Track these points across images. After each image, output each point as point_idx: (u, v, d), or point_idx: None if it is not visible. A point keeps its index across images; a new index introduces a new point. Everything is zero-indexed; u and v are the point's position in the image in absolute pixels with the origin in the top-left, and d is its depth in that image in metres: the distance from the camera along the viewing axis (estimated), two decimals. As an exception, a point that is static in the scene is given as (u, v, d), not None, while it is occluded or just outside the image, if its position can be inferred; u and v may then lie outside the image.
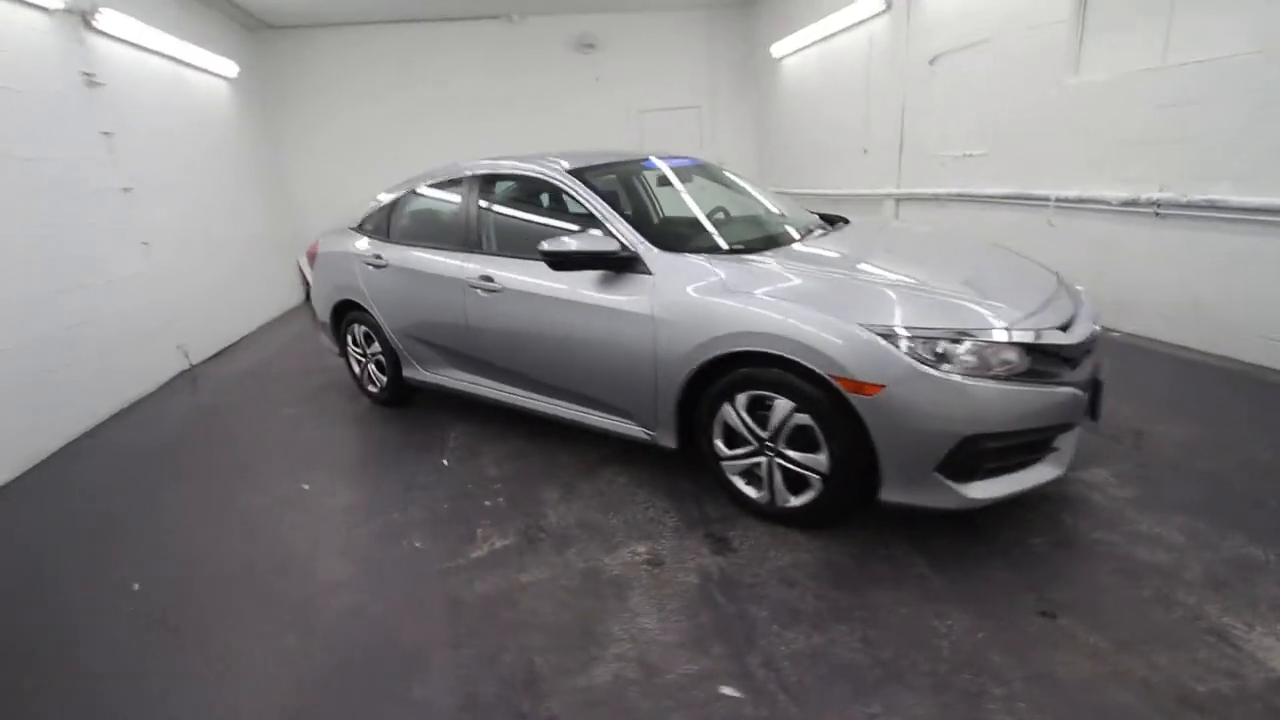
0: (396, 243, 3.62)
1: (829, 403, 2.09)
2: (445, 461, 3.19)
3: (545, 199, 3.18)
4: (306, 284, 8.07)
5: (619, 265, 2.55)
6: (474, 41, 8.27)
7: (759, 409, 2.28)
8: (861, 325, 2.01)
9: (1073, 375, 2.10)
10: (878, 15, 6.13)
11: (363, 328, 3.85)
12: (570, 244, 2.53)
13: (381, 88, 8.20)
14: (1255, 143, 3.27)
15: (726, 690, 1.68)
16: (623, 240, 2.57)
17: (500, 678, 1.79)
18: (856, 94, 6.69)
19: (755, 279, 2.32)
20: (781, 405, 2.20)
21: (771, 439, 2.26)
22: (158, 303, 4.94)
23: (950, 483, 2.01)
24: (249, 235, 6.94)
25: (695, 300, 2.34)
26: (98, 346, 4.20)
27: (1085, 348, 2.16)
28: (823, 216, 3.36)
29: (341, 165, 8.26)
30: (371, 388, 4.03)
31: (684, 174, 3.38)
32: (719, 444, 2.43)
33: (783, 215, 3.24)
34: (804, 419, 2.16)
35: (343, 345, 4.11)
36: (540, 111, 8.61)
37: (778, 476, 2.31)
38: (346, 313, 3.94)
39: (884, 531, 2.28)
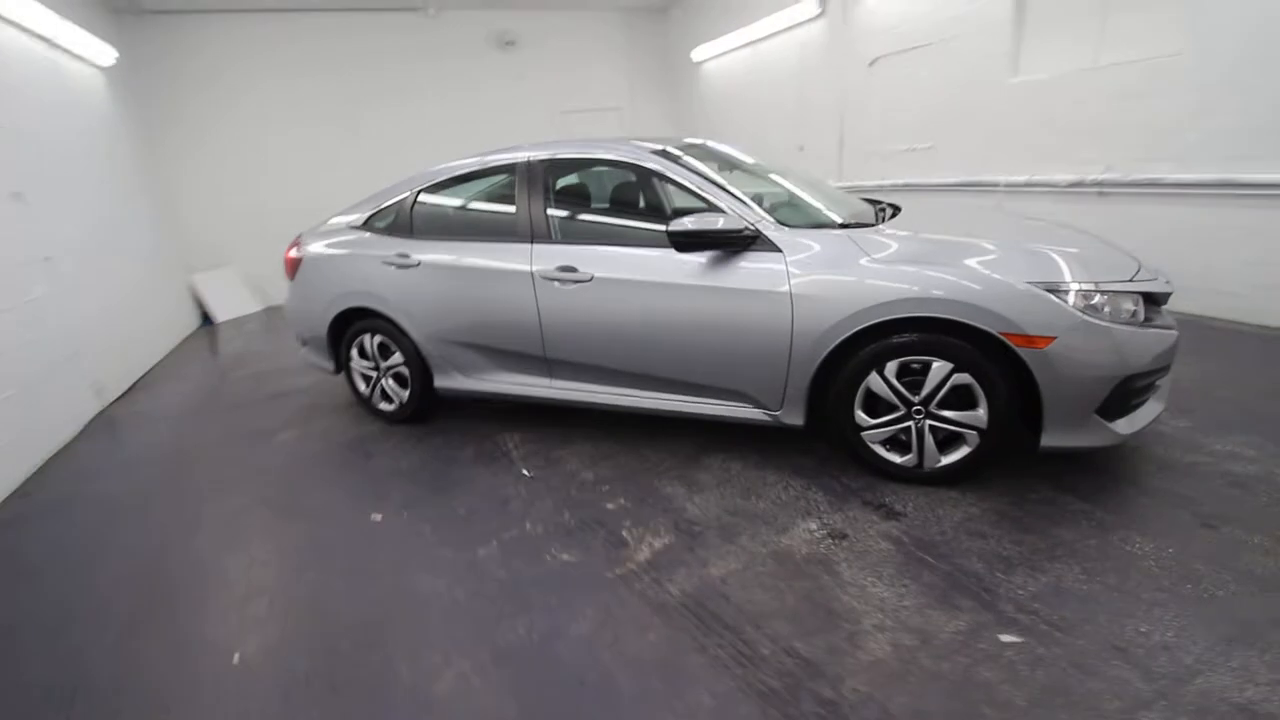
0: (426, 238, 3.27)
1: (991, 360, 2.21)
2: (526, 471, 2.93)
3: (626, 183, 3.03)
4: (204, 312, 7.07)
5: (743, 244, 2.51)
6: (386, 35, 7.68)
7: (905, 375, 2.35)
8: (1031, 283, 2.15)
9: (1166, 320, 2.39)
10: (811, 20, 6.54)
11: (377, 338, 3.43)
12: (700, 224, 2.44)
13: (278, 85, 7.35)
14: (1188, 128, 3.93)
15: (1006, 638, 1.72)
16: (745, 218, 2.53)
17: (777, 670, 1.69)
18: (790, 94, 7.08)
19: (898, 249, 2.38)
20: (939, 367, 2.28)
21: (923, 402, 2.35)
22: (68, 330, 4.06)
23: (1106, 422, 2.21)
24: (142, 252, 5.91)
25: (847, 274, 2.36)
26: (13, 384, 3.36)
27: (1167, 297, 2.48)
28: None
29: (234, 173, 7.29)
30: (385, 405, 3.60)
31: (735, 159, 3.38)
32: (860, 414, 2.47)
33: (839, 197, 3.35)
34: (963, 378, 2.26)
35: (342, 361, 3.63)
36: (461, 109, 8.18)
37: (928, 438, 2.39)
38: (352, 323, 3.49)
39: (1019, 480, 2.44)
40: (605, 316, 2.79)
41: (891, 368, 2.35)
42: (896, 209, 3.05)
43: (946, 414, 2.33)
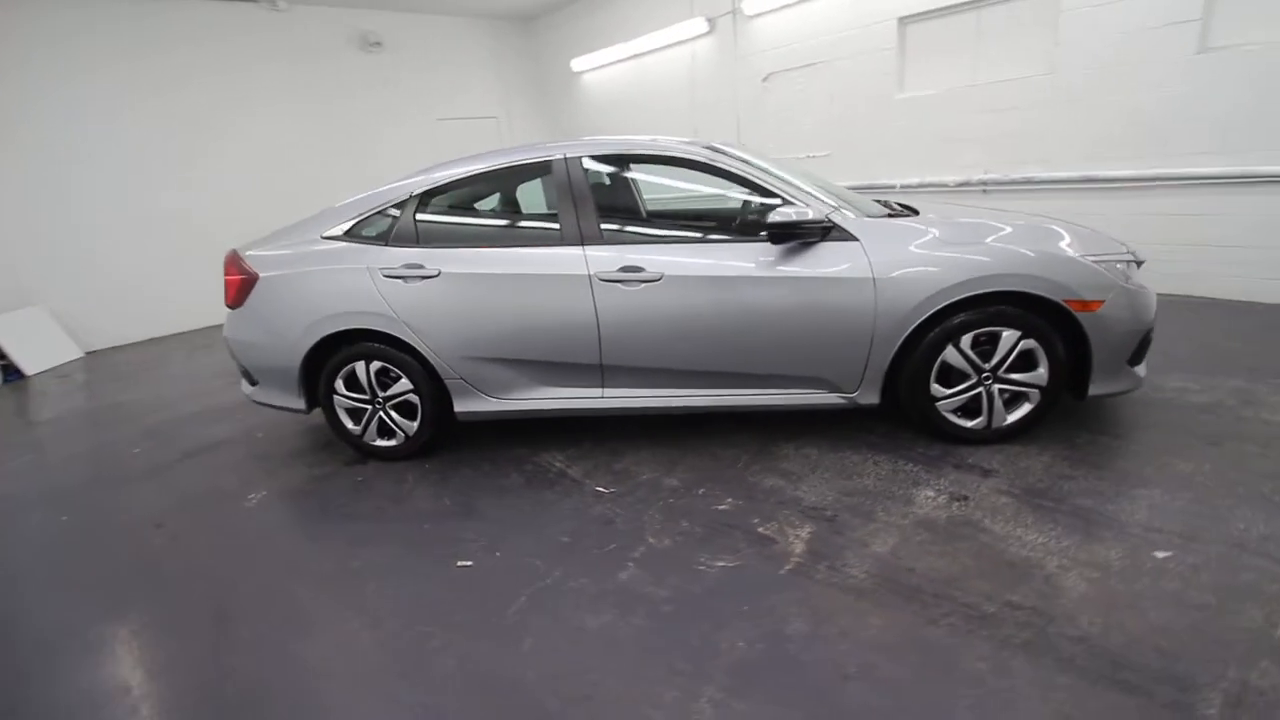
0: (440, 246, 2.89)
1: (1052, 324, 2.53)
2: (601, 488, 2.71)
3: (678, 178, 2.93)
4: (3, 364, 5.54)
5: (824, 233, 2.59)
6: (229, 29, 6.61)
7: (975, 345, 2.60)
8: (1085, 255, 2.51)
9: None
10: (701, 37, 6.89)
11: (374, 364, 2.95)
12: (797, 215, 2.48)
13: (98, 84, 5.97)
14: (1051, 136, 4.81)
15: (1160, 554, 1.99)
16: (820, 209, 2.61)
17: (1015, 623, 1.77)
18: (681, 106, 7.38)
19: (960, 231, 2.62)
20: (1009, 336, 2.56)
21: (994, 369, 2.61)
22: None
23: (1133, 369, 2.64)
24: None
25: (926, 255, 2.54)
26: None
27: None
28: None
29: (39, 186, 5.77)
30: (384, 441, 3.11)
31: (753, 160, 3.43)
32: (936, 386, 2.68)
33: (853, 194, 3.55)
34: (1029, 344, 2.56)
35: (322, 398, 3.07)
36: (325, 115, 7.30)
37: (996, 401, 2.67)
38: (335, 350, 2.97)
39: (1056, 431, 2.79)
40: (677, 316, 2.70)
41: (967, 340, 2.59)
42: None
43: (1014, 377, 2.62)
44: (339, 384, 3.02)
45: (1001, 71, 4.99)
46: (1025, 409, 2.67)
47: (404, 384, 2.97)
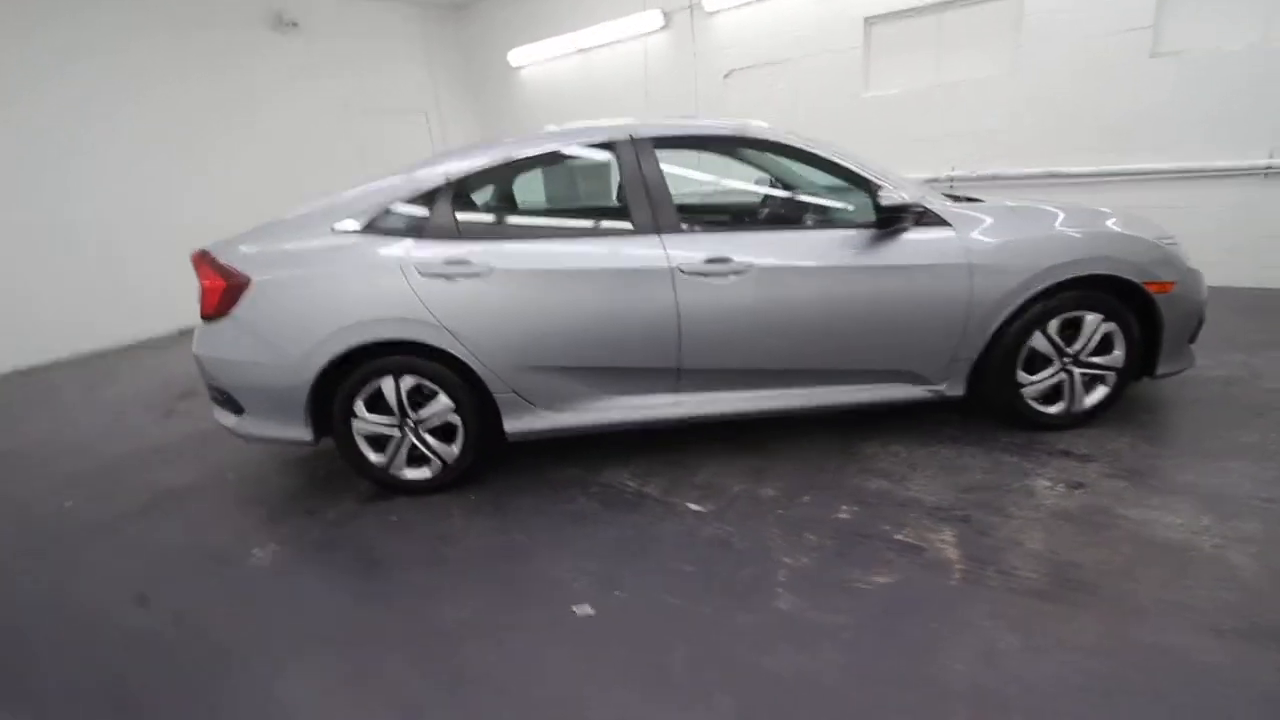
0: (487, 239, 2.49)
1: (1128, 307, 2.57)
2: (696, 507, 2.43)
3: (745, 162, 2.70)
4: None
5: (916, 220, 2.47)
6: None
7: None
8: (1159, 238, 2.55)
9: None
10: (655, 31, 6.71)
11: (406, 381, 2.50)
12: (908, 199, 2.35)
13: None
14: (1016, 134, 5.07)
15: (1299, 525, 2.03)
16: (913, 194, 2.49)
17: (1228, 610, 1.71)
18: (633, 104, 7.15)
19: (1043, 218, 2.60)
20: (1092, 320, 2.56)
21: (1076, 354, 2.61)
22: None
23: (1190, 348, 2.74)
24: None
25: (1018, 241, 2.49)
26: None
27: None
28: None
29: None
30: (415, 472, 2.64)
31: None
32: (1021, 373, 2.64)
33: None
34: (1109, 327, 2.58)
35: (335, 424, 2.55)
36: (224, 102, 6.38)
37: (1078, 385, 2.67)
38: (356, 366, 2.47)
39: (1114, 412, 2.85)
40: (767, 310, 2.48)
41: (1054, 325, 2.57)
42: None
43: (1094, 360, 2.64)
44: (358, 406, 2.53)
45: (966, 72, 5.21)
46: (1101, 392, 2.70)
47: (443, 402, 2.53)
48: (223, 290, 2.46)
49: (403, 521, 2.51)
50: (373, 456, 2.61)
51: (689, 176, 3.03)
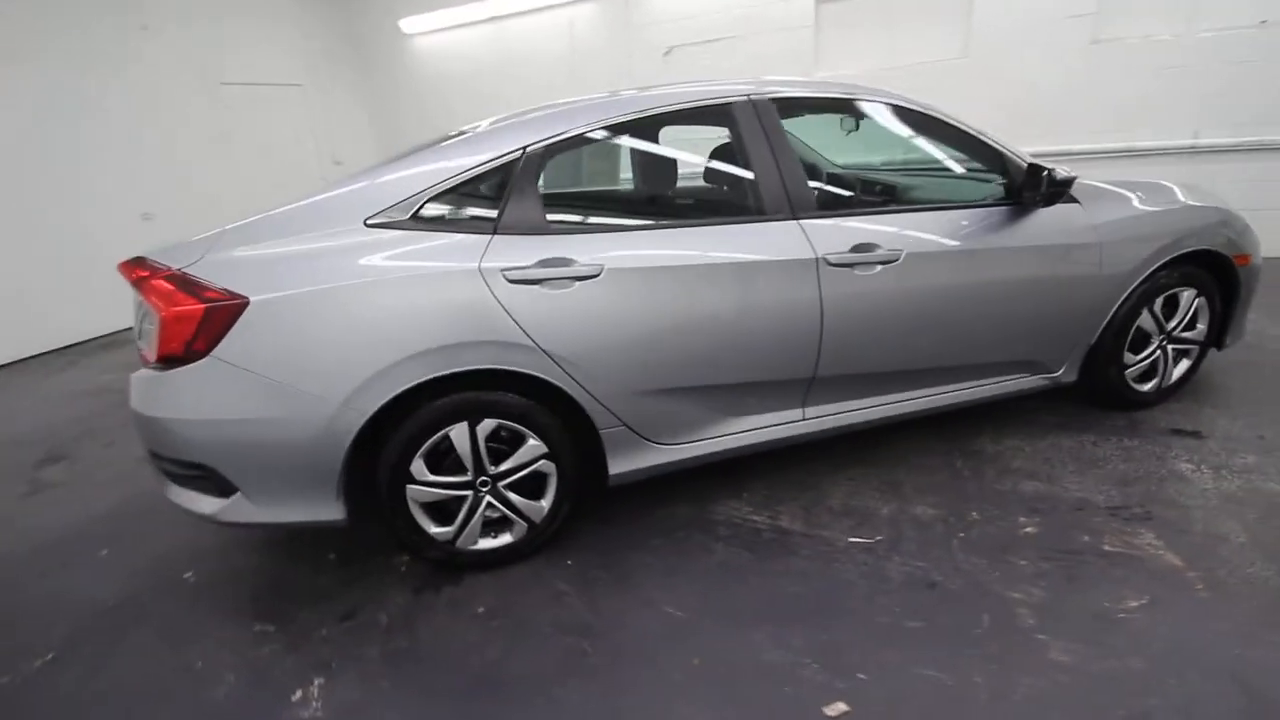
0: (581, 231, 1.90)
1: (1215, 281, 2.57)
2: (858, 539, 2.05)
3: (864, 130, 2.32)
4: None
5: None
6: None
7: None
8: (1235, 210, 2.56)
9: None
10: (582, 1, 6.11)
11: (486, 425, 1.85)
12: (1064, 172, 2.10)
13: None
14: (966, 115, 5.18)
15: None
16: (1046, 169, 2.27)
17: None
18: (558, 81, 6.51)
19: (1150, 193, 2.50)
20: (1187, 295, 2.53)
21: (1171, 330, 2.57)
22: None
23: (1244, 319, 2.83)
24: None
25: (1137, 217, 2.37)
26: None
27: None
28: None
29: None
30: (489, 541, 1.99)
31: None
32: (1127, 354, 2.55)
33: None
34: (1200, 301, 2.57)
35: (384, 493, 1.84)
36: (54, 82, 4.85)
37: (1170, 362, 2.64)
38: (412, 410, 1.79)
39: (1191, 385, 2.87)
40: (918, 304, 2.15)
41: (1159, 303, 2.51)
42: None
43: (1185, 335, 2.62)
44: (416, 465, 1.84)
45: (919, 54, 5.25)
46: (1184, 366, 2.70)
47: (532, 447, 1.92)
48: (200, 318, 1.65)
49: (494, 611, 1.87)
50: (434, 529, 1.93)
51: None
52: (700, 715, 1.50)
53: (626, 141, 2.16)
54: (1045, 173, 2.13)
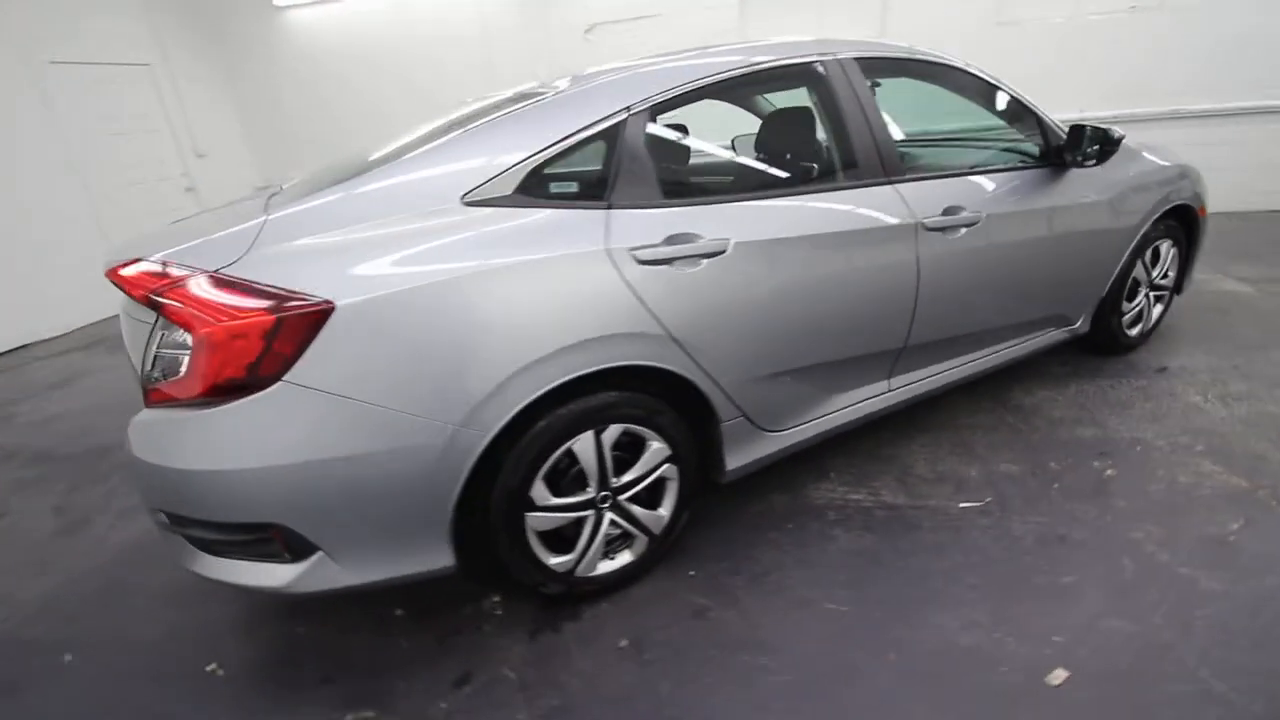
0: (694, 200, 1.69)
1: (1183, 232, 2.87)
2: (969, 504, 2.03)
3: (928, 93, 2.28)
4: None
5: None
6: None
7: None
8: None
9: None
10: (491, -26, 5.67)
11: (614, 431, 1.61)
12: (1118, 131, 2.19)
13: None
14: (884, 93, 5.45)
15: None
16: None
17: None
18: (473, 60, 6.01)
19: (1132, 155, 2.70)
20: (1165, 246, 2.80)
21: (1153, 278, 2.83)
22: None
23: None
24: None
25: (1136, 175, 2.56)
26: None
27: None
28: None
29: None
30: (609, 564, 1.75)
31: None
32: (1124, 302, 2.77)
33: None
34: (1174, 251, 2.85)
35: (496, 528, 1.53)
36: None
37: (1151, 307, 2.91)
38: (535, 421, 1.50)
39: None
40: (994, 265, 2.18)
41: (1149, 255, 2.74)
42: None
43: (1161, 282, 2.90)
44: (537, 487, 1.55)
45: (840, 33, 5.41)
46: (1159, 310, 3.00)
47: (657, 451, 1.69)
48: (269, 331, 1.25)
49: (638, 641, 1.64)
50: (553, 560, 1.65)
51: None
52: (935, 716, 1.39)
53: (729, 102, 1.98)
54: (1088, 133, 2.22)
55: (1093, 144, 2.22)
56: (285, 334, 1.26)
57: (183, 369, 1.32)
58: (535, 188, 1.52)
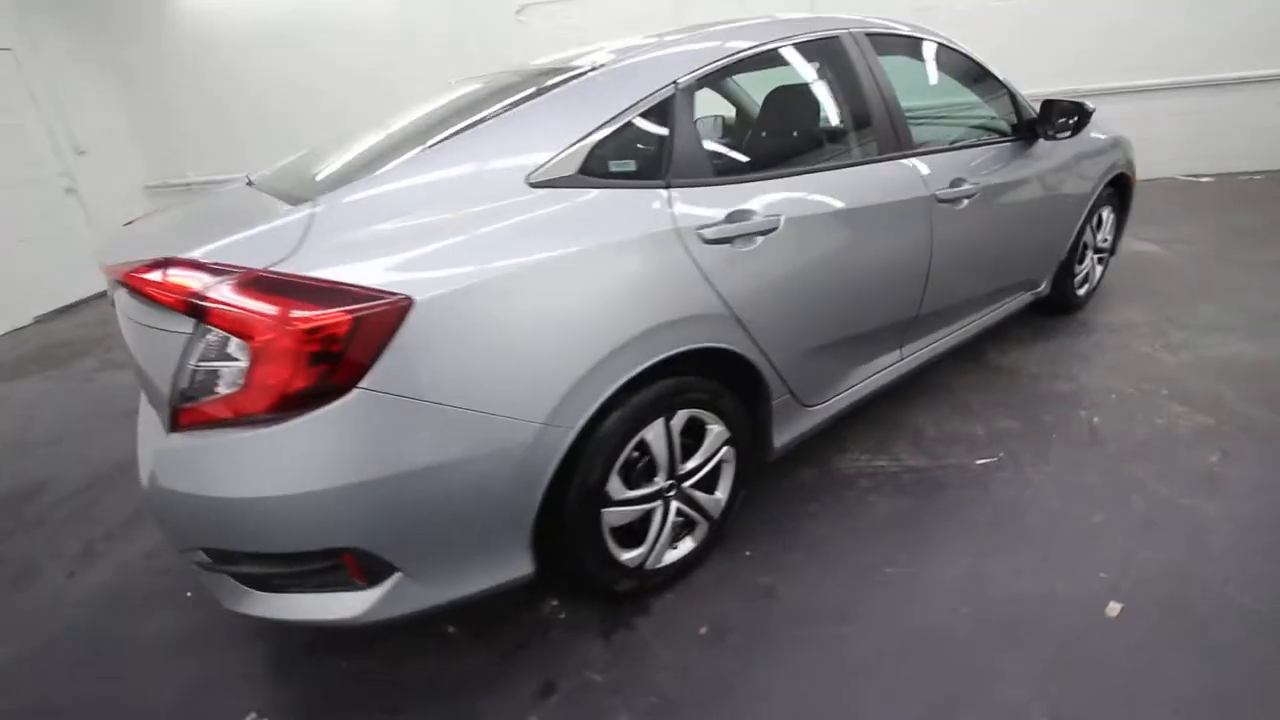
0: (740, 177, 1.66)
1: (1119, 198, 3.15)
2: (986, 460, 2.14)
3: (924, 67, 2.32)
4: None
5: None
6: None
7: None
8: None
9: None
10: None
11: (682, 417, 1.57)
12: (1089, 105, 2.35)
13: None
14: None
15: None
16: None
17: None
18: (395, 39, 5.64)
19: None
20: (1106, 211, 3.07)
21: (1098, 242, 3.11)
22: None
23: (1118, 227, 3.52)
24: None
25: (1090, 144, 2.77)
26: None
27: None
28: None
29: None
30: (674, 553, 1.72)
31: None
32: (1077, 265, 3.02)
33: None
34: (1112, 216, 3.14)
35: (571, 526, 1.46)
36: None
37: (1094, 268, 3.18)
38: (608, 412, 1.43)
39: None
40: (987, 234, 2.31)
41: (1095, 219, 2.99)
42: None
43: (1103, 246, 3.17)
44: (613, 482, 1.49)
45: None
46: (1100, 271, 3.29)
47: (718, 435, 1.67)
48: (347, 333, 1.12)
49: (719, 628, 1.62)
50: (626, 556, 1.59)
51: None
52: (1029, 657, 1.47)
53: (763, 75, 1.94)
54: (1062, 106, 2.38)
55: (1067, 116, 2.38)
56: (363, 335, 1.13)
57: (220, 385, 1.16)
58: (596, 167, 1.44)
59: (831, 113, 1.97)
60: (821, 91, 2.01)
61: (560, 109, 1.48)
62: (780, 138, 1.95)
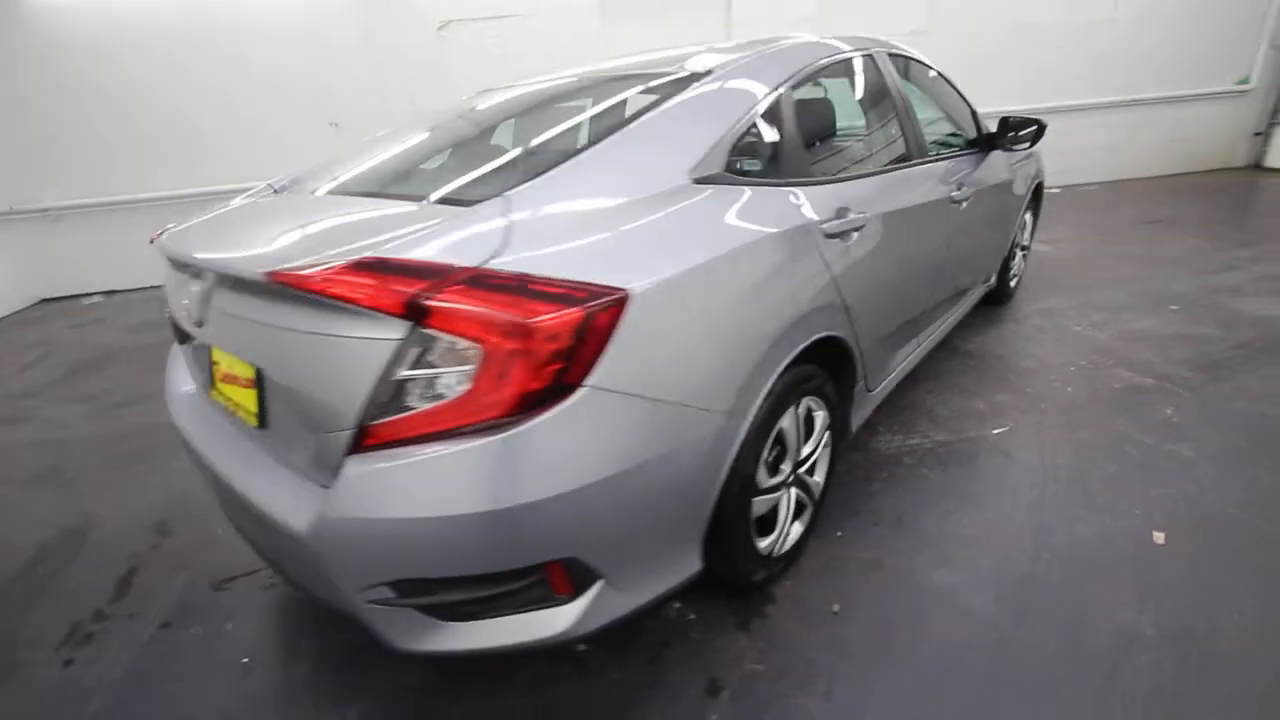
0: (830, 177, 1.78)
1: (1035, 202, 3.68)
2: (999, 430, 2.40)
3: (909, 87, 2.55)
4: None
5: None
6: None
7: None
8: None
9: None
10: (320, -42, 4.99)
11: (806, 404, 1.65)
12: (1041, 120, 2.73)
13: None
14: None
15: (1172, 308, 3.43)
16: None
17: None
18: (303, 55, 5.22)
19: None
20: (1028, 213, 3.57)
21: (1024, 240, 3.60)
22: None
23: (1026, 228, 4.10)
24: None
25: (1030, 153, 3.22)
26: None
27: None
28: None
29: None
30: (788, 540, 1.77)
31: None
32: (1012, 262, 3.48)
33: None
34: (1030, 217, 3.65)
35: (733, 512, 1.47)
36: None
37: (1021, 263, 3.67)
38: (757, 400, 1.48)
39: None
40: (975, 232, 2.63)
41: (1024, 218, 3.48)
42: None
43: (1025, 244, 3.68)
44: (760, 471, 1.52)
45: (691, 39, 5.80)
46: (1023, 265, 3.80)
47: (824, 419, 1.76)
48: (576, 329, 1.07)
49: (848, 607, 1.69)
50: (762, 544, 1.62)
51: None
52: (1115, 586, 1.68)
53: (842, 82, 2.08)
54: (1016, 121, 2.76)
55: (1024, 129, 2.77)
56: (592, 331, 1.09)
57: (432, 395, 1.06)
58: (734, 166, 1.49)
59: (889, 120, 2.16)
60: (882, 100, 2.21)
61: (700, 109, 1.51)
62: (855, 141, 2.10)
